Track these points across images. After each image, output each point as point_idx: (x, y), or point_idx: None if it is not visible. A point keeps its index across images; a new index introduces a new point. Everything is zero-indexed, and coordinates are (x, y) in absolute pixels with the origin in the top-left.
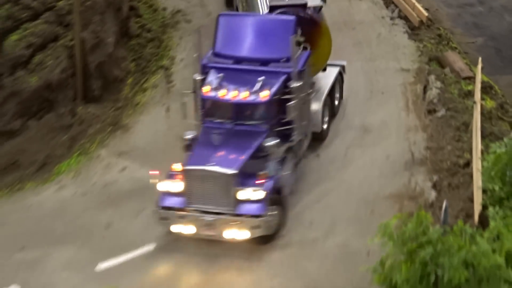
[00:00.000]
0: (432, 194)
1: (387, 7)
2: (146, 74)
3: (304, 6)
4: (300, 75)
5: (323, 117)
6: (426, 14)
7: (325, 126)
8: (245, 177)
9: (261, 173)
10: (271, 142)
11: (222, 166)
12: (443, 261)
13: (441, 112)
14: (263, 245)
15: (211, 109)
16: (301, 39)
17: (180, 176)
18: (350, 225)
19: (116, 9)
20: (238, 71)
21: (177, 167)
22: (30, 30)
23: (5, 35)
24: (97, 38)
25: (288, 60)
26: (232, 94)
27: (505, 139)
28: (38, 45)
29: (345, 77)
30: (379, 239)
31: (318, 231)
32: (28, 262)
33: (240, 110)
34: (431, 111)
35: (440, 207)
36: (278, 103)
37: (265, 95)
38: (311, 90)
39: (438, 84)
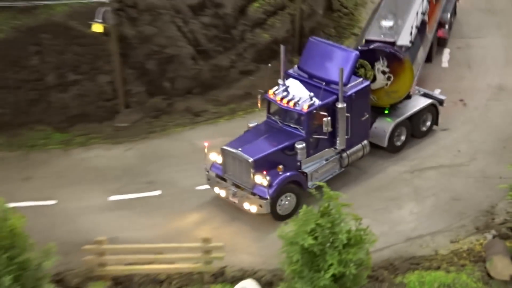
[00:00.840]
0: None
1: None
2: (341, 38)
3: (393, 43)
4: (349, 98)
5: (392, 136)
6: None
7: (398, 144)
8: (270, 165)
9: (279, 166)
10: (300, 145)
11: (246, 153)
12: None
13: None
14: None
15: (273, 108)
16: (386, 69)
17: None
18: (487, 156)
19: None
20: (306, 83)
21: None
22: (267, 0)
23: (249, 3)
24: (311, 10)
25: (344, 84)
26: (285, 100)
27: None
28: (271, 12)
29: (489, 43)
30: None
31: (464, 158)
32: None
33: (288, 114)
34: None
35: None
36: (322, 116)
37: (305, 107)
38: (366, 114)
39: None
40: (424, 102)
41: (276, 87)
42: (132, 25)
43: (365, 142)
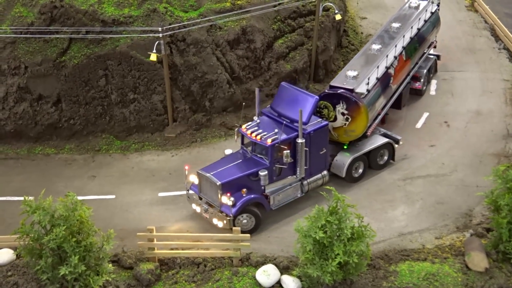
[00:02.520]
0: None
1: (496, 41)
2: None
3: (352, 90)
4: (308, 135)
5: (350, 168)
6: None
7: (355, 175)
8: (236, 188)
9: (243, 189)
10: (263, 172)
11: (216, 177)
12: None
13: None
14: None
15: (246, 140)
16: (345, 111)
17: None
18: (466, 168)
19: (337, 30)
20: (275, 121)
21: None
22: (289, 38)
23: (275, 40)
24: (324, 46)
25: (304, 123)
26: (254, 134)
27: None
28: (292, 47)
29: (469, 76)
30: (491, 177)
31: (447, 170)
32: None
33: (256, 146)
34: None
35: None
36: (283, 149)
37: (269, 141)
38: (324, 149)
39: None
40: (381, 140)
41: (249, 123)
42: (181, 55)
43: (325, 172)
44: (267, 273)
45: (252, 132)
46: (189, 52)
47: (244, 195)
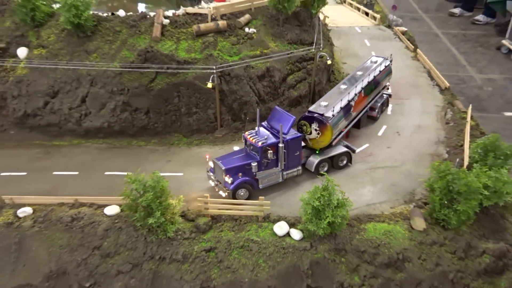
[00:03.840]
0: (446, 155)
1: (431, 80)
2: None
3: (322, 114)
4: (286, 142)
5: (318, 166)
6: (448, 84)
7: (322, 171)
8: (236, 172)
9: (240, 173)
10: (254, 163)
11: (223, 164)
12: (456, 180)
13: (451, 124)
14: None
15: (247, 142)
16: (317, 128)
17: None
18: (411, 163)
19: (327, 70)
20: (269, 131)
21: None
22: (296, 75)
23: (288, 75)
24: (319, 81)
25: (285, 134)
26: (252, 138)
27: (483, 138)
28: (298, 80)
29: (413, 102)
30: (429, 169)
31: (398, 163)
32: None
33: (252, 146)
34: (448, 122)
35: (451, 161)
36: (268, 150)
37: (260, 143)
38: (298, 152)
39: (451, 112)
40: (342, 149)
41: (251, 131)
42: (226, 84)
43: (299, 167)
44: (280, 227)
45: (250, 137)
46: (232, 82)
47: (240, 177)
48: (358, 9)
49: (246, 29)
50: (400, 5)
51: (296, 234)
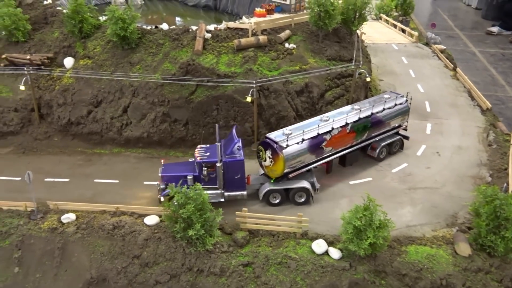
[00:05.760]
0: (489, 179)
1: (472, 100)
2: None
3: (276, 142)
4: (225, 163)
5: (266, 196)
6: (490, 105)
7: (273, 202)
8: (171, 181)
9: (174, 183)
10: (189, 176)
11: (162, 170)
12: (504, 206)
13: (494, 146)
14: None
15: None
16: (271, 156)
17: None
18: (452, 185)
19: (365, 87)
20: (220, 149)
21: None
22: (334, 91)
23: (326, 92)
24: (357, 98)
25: (229, 154)
26: (197, 152)
27: None
28: (336, 97)
29: (453, 122)
30: (475, 193)
31: (438, 185)
32: None
33: (197, 162)
34: (490, 144)
35: (495, 184)
36: (206, 167)
37: (198, 159)
38: (239, 174)
39: (493, 134)
40: (302, 184)
41: (203, 146)
42: (265, 99)
43: (244, 192)
44: (319, 245)
45: (197, 151)
46: (270, 97)
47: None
48: (395, 26)
49: (286, 45)
50: (436, 22)
51: (335, 253)
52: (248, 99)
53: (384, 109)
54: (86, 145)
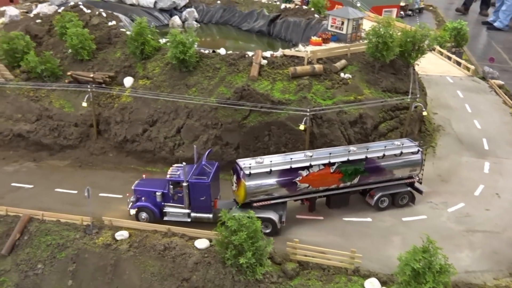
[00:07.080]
0: None
1: None
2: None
3: (241, 169)
4: (191, 183)
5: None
6: None
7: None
8: (142, 195)
9: (144, 198)
10: (158, 193)
11: (136, 184)
12: None
13: None
14: None
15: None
16: (236, 181)
17: None
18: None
19: (420, 120)
20: (184, 169)
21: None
22: (389, 123)
23: (380, 123)
24: (411, 131)
25: (198, 175)
26: (170, 170)
27: None
28: (390, 129)
29: (509, 163)
30: None
31: (499, 229)
32: None
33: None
34: None
35: None
36: (174, 185)
37: (168, 176)
38: (204, 196)
39: None
40: (266, 215)
41: (179, 165)
42: (318, 127)
43: (210, 215)
44: (372, 284)
45: (171, 169)
46: (323, 126)
47: (142, 201)
48: (449, 58)
49: (342, 74)
50: (490, 55)
51: None
52: (301, 127)
53: (384, 156)
54: (139, 163)
